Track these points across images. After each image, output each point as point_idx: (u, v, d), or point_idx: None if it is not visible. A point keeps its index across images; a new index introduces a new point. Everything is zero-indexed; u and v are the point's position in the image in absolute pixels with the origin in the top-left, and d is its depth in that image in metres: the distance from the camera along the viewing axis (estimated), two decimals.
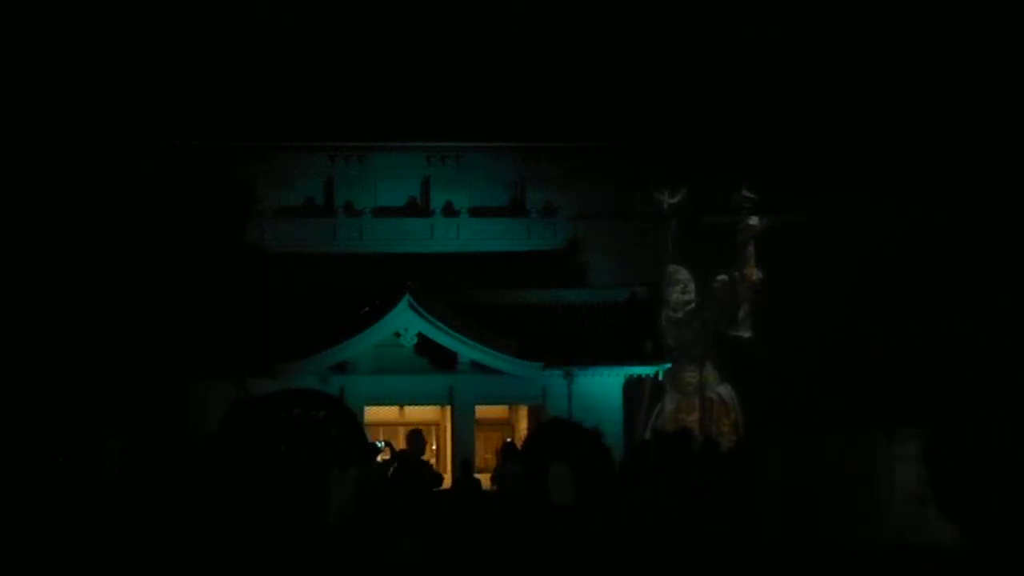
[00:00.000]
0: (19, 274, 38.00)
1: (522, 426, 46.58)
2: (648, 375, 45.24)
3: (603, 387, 44.72)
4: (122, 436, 33.37)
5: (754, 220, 39.79)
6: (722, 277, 35.30)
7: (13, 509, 27.25)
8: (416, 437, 26.14)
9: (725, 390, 34.94)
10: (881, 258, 48.85)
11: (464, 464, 28.11)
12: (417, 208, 54.89)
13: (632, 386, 45.80)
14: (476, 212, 54.31)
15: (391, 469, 25.71)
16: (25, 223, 38.72)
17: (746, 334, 34.98)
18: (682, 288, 34.91)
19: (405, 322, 44.21)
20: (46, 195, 39.32)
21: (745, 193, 39.17)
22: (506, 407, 47.95)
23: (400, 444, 36.12)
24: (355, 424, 32.86)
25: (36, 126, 39.98)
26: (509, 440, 36.44)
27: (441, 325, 44.05)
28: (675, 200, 37.62)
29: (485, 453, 45.23)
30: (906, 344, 45.56)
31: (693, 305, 35.15)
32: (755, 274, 35.79)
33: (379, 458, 26.00)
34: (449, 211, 54.37)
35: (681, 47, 54.72)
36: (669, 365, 45.06)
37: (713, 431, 34.31)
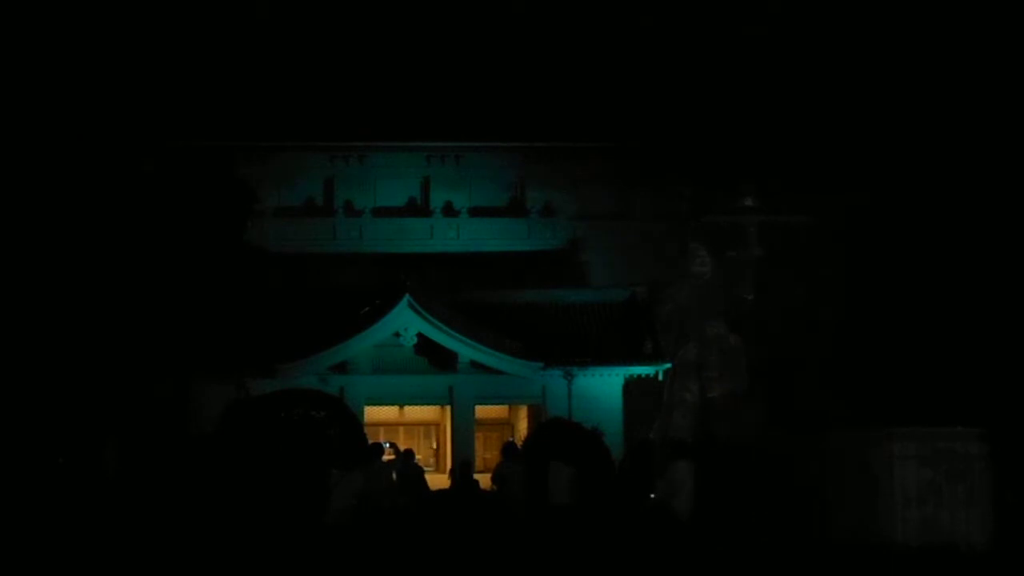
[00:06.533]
0: (19, 275, 38.01)
1: (522, 426, 46.63)
2: (648, 375, 45.27)
3: (603, 387, 44.78)
4: (121, 436, 33.42)
5: (756, 217, 41.47)
6: (731, 253, 39.01)
7: (13, 509, 27.26)
8: (511, 448, 26.58)
9: (734, 339, 38.23)
10: (881, 256, 48.90)
11: (463, 465, 28.17)
12: (417, 208, 54.95)
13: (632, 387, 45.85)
14: (476, 212, 54.37)
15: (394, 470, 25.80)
16: (25, 224, 38.72)
17: (749, 296, 38.88)
18: (701, 261, 38.61)
19: (405, 322, 44.24)
20: (46, 196, 39.33)
21: (747, 184, 40.65)
22: (506, 407, 48.04)
23: (402, 444, 36.22)
24: (355, 424, 32.93)
25: (36, 127, 39.99)
26: (510, 440, 36.51)
27: (441, 325, 44.08)
28: (693, 195, 40.11)
29: (485, 453, 45.31)
30: (906, 343, 45.58)
31: (709, 275, 38.68)
32: (756, 250, 39.12)
33: (383, 458, 26.04)
34: (449, 211, 54.43)
35: (681, 46, 54.77)
36: (669, 365, 45.15)
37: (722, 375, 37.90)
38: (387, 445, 27.99)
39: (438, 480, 34.23)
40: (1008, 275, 42.63)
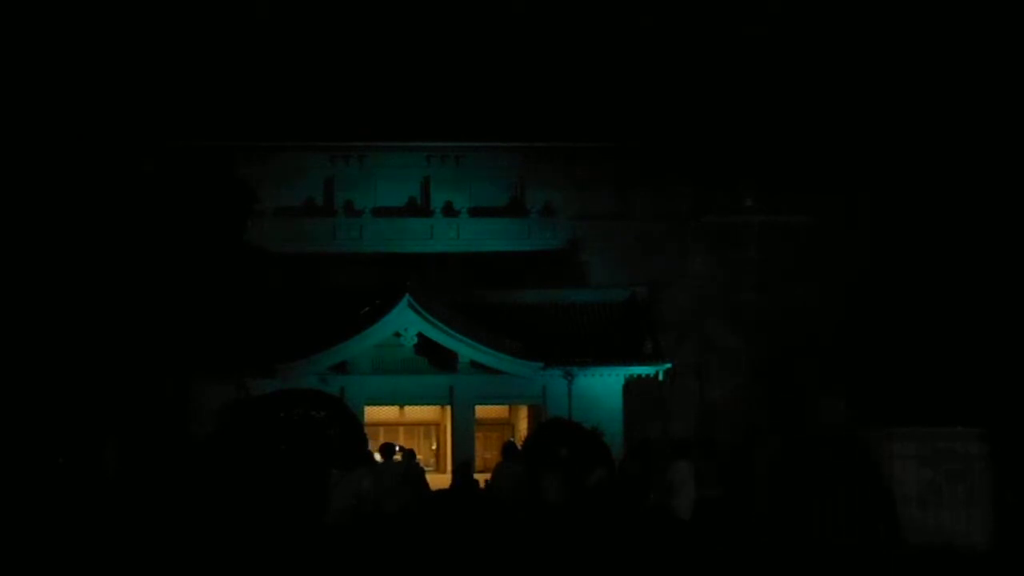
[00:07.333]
0: (18, 275, 38.00)
1: (522, 426, 46.64)
2: (648, 375, 45.28)
3: (603, 387, 44.75)
4: (121, 436, 33.40)
5: (756, 217, 41.69)
6: (731, 253, 39.29)
7: (13, 509, 27.26)
8: (510, 448, 26.55)
9: (733, 340, 38.46)
10: (881, 256, 48.91)
11: (463, 465, 28.15)
12: (417, 208, 54.92)
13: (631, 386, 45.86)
14: (476, 212, 54.34)
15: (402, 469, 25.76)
16: (24, 224, 38.70)
17: (751, 297, 39.27)
18: (701, 260, 38.98)
19: (405, 322, 44.22)
20: (45, 196, 39.31)
21: (747, 184, 40.86)
22: (506, 407, 48.02)
23: (403, 444, 36.19)
24: (355, 424, 32.92)
25: (35, 127, 39.97)
26: (510, 440, 36.51)
27: (441, 325, 44.06)
28: (693, 195, 40.48)
29: (485, 453, 45.30)
30: (907, 343, 45.60)
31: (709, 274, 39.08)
32: (756, 250, 39.32)
33: (393, 459, 26.02)
34: (449, 211, 54.40)
35: (681, 46, 54.76)
36: (669, 365, 45.28)
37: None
38: (397, 448, 28.00)
39: (438, 480, 34.20)
40: (1008, 275, 42.65)
